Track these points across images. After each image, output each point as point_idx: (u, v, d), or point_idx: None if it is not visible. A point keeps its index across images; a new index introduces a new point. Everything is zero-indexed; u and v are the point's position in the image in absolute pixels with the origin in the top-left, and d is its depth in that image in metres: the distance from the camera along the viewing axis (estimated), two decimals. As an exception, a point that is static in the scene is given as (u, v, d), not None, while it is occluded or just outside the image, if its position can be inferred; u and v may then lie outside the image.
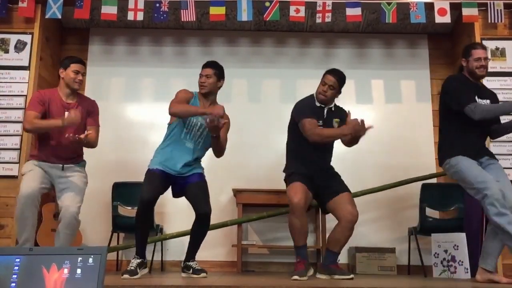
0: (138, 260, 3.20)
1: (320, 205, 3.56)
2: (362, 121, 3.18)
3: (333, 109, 3.50)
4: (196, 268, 3.29)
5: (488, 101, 3.28)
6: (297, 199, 3.20)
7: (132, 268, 3.12)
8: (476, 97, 3.21)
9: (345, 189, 3.39)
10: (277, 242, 4.68)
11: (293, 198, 3.22)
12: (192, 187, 3.31)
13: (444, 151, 3.27)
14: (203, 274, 3.22)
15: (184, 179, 3.33)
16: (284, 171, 3.52)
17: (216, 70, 3.43)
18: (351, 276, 3.22)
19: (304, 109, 3.45)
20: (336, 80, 3.42)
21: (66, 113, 3.33)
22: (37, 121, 3.28)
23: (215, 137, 3.22)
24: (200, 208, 3.22)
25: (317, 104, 3.46)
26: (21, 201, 3.16)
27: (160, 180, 3.26)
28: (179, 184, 3.35)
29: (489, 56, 4.38)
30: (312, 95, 3.53)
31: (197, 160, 3.45)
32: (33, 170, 3.31)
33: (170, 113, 3.29)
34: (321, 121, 3.41)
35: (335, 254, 3.33)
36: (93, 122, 3.49)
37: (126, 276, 3.02)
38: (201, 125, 3.34)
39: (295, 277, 3.07)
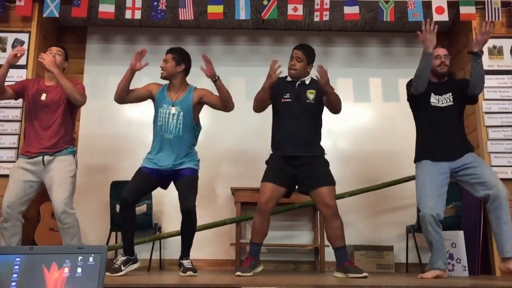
0: (123, 258, 3.22)
1: (300, 190, 3.51)
2: (320, 66, 3.26)
3: (307, 82, 3.49)
4: (186, 266, 3.27)
5: (450, 93, 3.36)
6: (264, 200, 3.32)
7: (116, 266, 3.17)
8: (432, 94, 3.36)
9: (324, 183, 3.32)
10: (276, 241, 4.68)
11: (260, 198, 3.35)
12: (181, 182, 3.32)
13: (416, 151, 3.47)
14: (189, 273, 3.20)
15: (177, 172, 3.33)
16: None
17: (174, 55, 3.46)
18: (365, 274, 3.20)
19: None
20: (302, 52, 3.46)
21: (44, 94, 3.42)
22: None
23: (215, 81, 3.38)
24: (182, 204, 3.23)
25: (288, 79, 3.50)
26: (3, 210, 3.28)
27: (145, 179, 3.30)
28: (171, 177, 3.37)
29: (487, 54, 4.39)
30: (285, 76, 3.56)
31: (186, 147, 3.39)
32: (13, 180, 3.35)
33: (116, 101, 3.46)
34: (288, 94, 3.42)
35: (342, 249, 3.33)
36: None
37: (107, 273, 3.06)
38: (174, 113, 3.35)
39: (238, 273, 3.19)
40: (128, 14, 4.35)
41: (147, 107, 5.25)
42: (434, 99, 3.37)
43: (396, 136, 4.92)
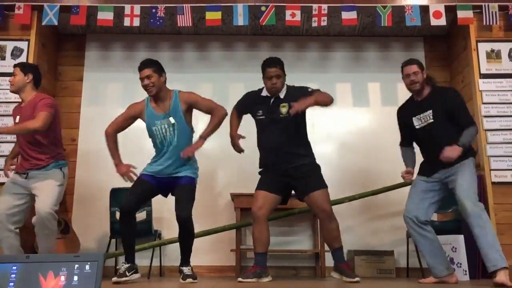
0: (127, 265, 3.24)
1: (296, 197, 3.54)
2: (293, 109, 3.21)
3: (281, 95, 3.45)
4: (186, 273, 3.27)
5: (430, 111, 3.29)
6: (256, 208, 3.34)
7: (120, 272, 3.20)
8: (413, 118, 3.37)
9: (316, 187, 3.33)
10: (276, 247, 4.66)
11: (252, 207, 3.37)
12: (178, 190, 3.32)
13: None
14: (188, 280, 3.19)
15: (175, 180, 3.34)
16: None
17: (153, 67, 3.38)
18: (357, 279, 3.23)
19: (239, 101, 3.63)
20: (279, 68, 3.44)
21: (17, 117, 3.47)
22: None
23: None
24: (177, 212, 3.22)
25: (263, 94, 3.51)
26: None
27: (145, 187, 3.31)
28: (170, 184, 3.36)
29: (485, 58, 4.40)
30: (261, 88, 3.58)
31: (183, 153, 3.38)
32: (4, 193, 3.42)
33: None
34: (260, 111, 3.44)
35: (338, 251, 3.37)
36: (36, 112, 3.38)
37: (114, 278, 3.14)
38: (167, 126, 3.34)
39: (239, 279, 3.24)
40: (126, 22, 4.37)
41: (146, 113, 5.20)
42: (416, 122, 3.38)
43: (395, 141, 4.88)
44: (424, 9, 4.39)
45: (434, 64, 5.12)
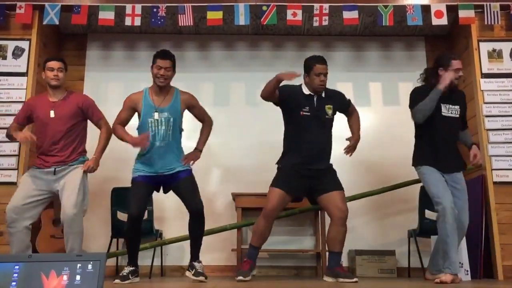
0: (131, 268, 3.27)
1: (309, 198, 3.56)
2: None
3: (323, 95, 3.49)
4: (198, 270, 3.27)
5: (458, 107, 3.41)
6: (271, 207, 3.34)
7: (124, 274, 3.22)
8: (442, 104, 3.38)
9: (336, 187, 3.39)
10: (277, 246, 4.67)
11: (268, 205, 3.36)
12: (181, 185, 3.32)
13: (417, 154, 3.52)
14: (201, 277, 3.21)
15: (172, 176, 3.34)
16: (277, 162, 3.53)
17: (173, 61, 3.43)
18: (355, 279, 3.24)
19: (283, 85, 3.46)
20: (326, 65, 3.50)
21: (51, 111, 3.47)
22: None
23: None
24: (192, 206, 3.24)
25: (305, 92, 3.49)
26: (6, 215, 3.32)
27: (145, 188, 3.32)
28: (168, 181, 3.36)
29: (486, 58, 4.40)
30: (299, 85, 3.55)
31: (177, 151, 3.41)
32: (22, 184, 3.44)
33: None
34: (307, 108, 3.42)
35: (337, 255, 3.36)
36: (95, 118, 3.63)
37: (117, 281, 3.15)
38: (163, 120, 3.34)
39: (240, 277, 3.25)
40: (128, 21, 4.36)
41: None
42: (444, 109, 3.38)
43: (396, 140, 4.91)
44: (426, 9, 4.38)
45: (435, 63, 5.11)
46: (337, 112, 3.58)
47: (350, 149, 3.55)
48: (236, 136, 4.95)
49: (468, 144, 3.52)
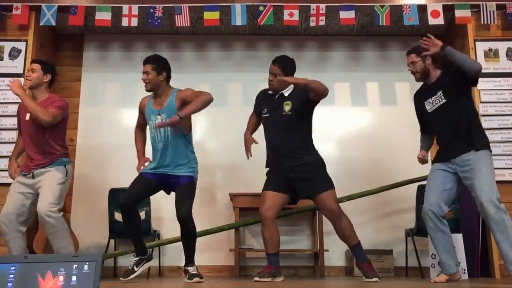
0: (136, 259, 3.30)
1: (301, 196, 3.51)
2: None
3: (286, 94, 3.46)
4: (192, 273, 3.28)
5: (440, 91, 3.26)
6: (264, 209, 3.34)
7: (128, 268, 3.26)
8: (425, 102, 3.34)
9: (323, 188, 3.32)
10: (275, 246, 4.67)
11: (260, 209, 3.37)
12: (178, 189, 3.33)
13: None
14: (195, 279, 3.21)
15: (174, 178, 3.34)
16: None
17: (153, 64, 3.37)
18: (375, 279, 3.24)
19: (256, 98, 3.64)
20: (277, 66, 3.45)
21: (27, 114, 3.42)
22: None
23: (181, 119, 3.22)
24: (177, 212, 3.23)
25: (270, 92, 3.54)
26: (1, 222, 3.34)
27: (145, 182, 3.31)
28: (170, 182, 3.37)
29: (483, 57, 4.41)
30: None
31: (180, 154, 3.36)
32: (12, 191, 3.44)
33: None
34: (265, 109, 3.47)
35: (355, 248, 3.39)
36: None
37: (122, 278, 3.20)
38: (160, 121, 3.34)
39: (256, 278, 3.25)
40: (124, 22, 4.36)
41: (145, 114, 5.22)
42: (428, 106, 3.34)
43: (393, 140, 4.92)
44: (422, 8, 4.39)
45: (432, 63, 5.12)
46: (309, 106, 3.44)
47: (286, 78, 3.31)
48: (234, 136, 4.94)
49: None
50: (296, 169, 3.34)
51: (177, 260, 4.66)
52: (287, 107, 3.41)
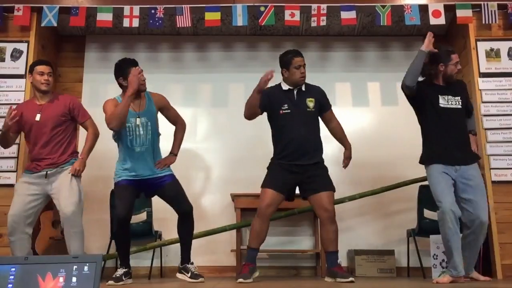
0: (125, 270, 3.29)
1: (300, 194, 3.55)
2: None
3: (303, 89, 3.49)
4: (195, 272, 3.30)
5: (459, 97, 3.38)
6: (265, 205, 3.35)
7: (117, 275, 3.23)
8: (440, 96, 3.36)
9: (326, 188, 3.37)
10: (276, 247, 4.67)
11: (261, 203, 3.38)
12: (168, 188, 3.34)
13: (423, 155, 3.47)
14: (201, 279, 3.24)
15: (155, 180, 3.35)
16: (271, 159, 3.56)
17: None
18: (351, 279, 3.25)
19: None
20: (303, 57, 3.51)
21: (38, 115, 3.44)
22: None
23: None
24: (181, 207, 3.27)
25: (284, 88, 3.50)
26: (8, 223, 3.35)
27: (130, 191, 3.32)
28: (150, 185, 3.38)
29: (484, 57, 4.40)
30: (277, 84, 3.57)
31: (157, 156, 3.45)
32: (18, 192, 3.44)
33: (111, 128, 3.29)
34: (286, 105, 3.42)
35: (333, 254, 3.36)
36: (81, 119, 3.59)
37: (111, 282, 3.17)
38: (141, 123, 3.33)
39: (240, 280, 3.23)
40: (126, 23, 4.37)
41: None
42: (443, 100, 3.35)
43: (395, 140, 4.91)
44: (423, 8, 4.38)
45: (433, 63, 5.11)
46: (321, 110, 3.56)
47: (348, 161, 3.63)
48: (235, 136, 4.95)
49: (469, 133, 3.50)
50: (310, 167, 3.39)
51: (178, 261, 4.62)
52: (311, 103, 3.47)
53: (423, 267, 4.23)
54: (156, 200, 4.20)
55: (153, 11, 4.36)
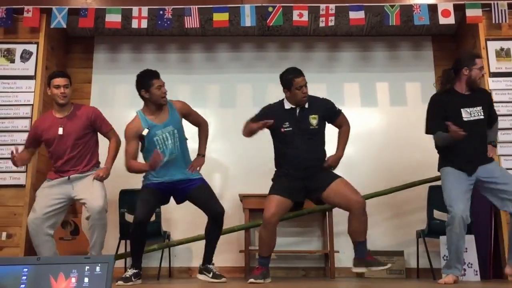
0: (135, 271, 3.31)
1: (312, 199, 3.53)
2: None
3: (306, 106, 3.44)
4: (217, 273, 3.35)
5: (480, 107, 3.33)
6: (268, 215, 3.27)
7: (127, 276, 3.26)
8: (463, 109, 3.31)
9: (335, 176, 3.35)
10: (285, 247, 4.66)
11: (265, 213, 3.30)
12: (198, 191, 3.37)
13: (439, 158, 3.45)
14: (223, 279, 3.29)
15: (185, 184, 3.38)
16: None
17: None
18: (389, 265, 3.24)
19: (259, 114, 3.52)
20: (304, 76, 3.43)
21: (60, 128, 3.46)
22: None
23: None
24: (213, 209, 3.30)
25: (287, 106, 3.45)
26: (28, 227, 3.37)
27: (156, 195, 3.36)
28: (181, 190, 3.40)
29: (494, 57, 4.37)
30: (280, 100, 3.53)
31: (187, 160, 3.49)
32: (40, 195, 3.46)
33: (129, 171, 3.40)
34: (287, 123, 3.39)
35: (363, 244, 3.30)
36: (104, 129, 3.63)
37: (120, 282, 3.18)
38: (167, 135, 3.38)
39: (251, 280, 3.24)
40: (134, 24, 4.38)
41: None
42: (465, 114, 3.31)
43: (403, 140, 4.89)
44: (433, 8, 4.36)
45: (442, 63, 5.06)
46: (328, 121, 3.53)
47: (328, 166, 3.42)
48: (243, 137, 4.93)
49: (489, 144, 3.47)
50: (313, 170, 3.36)
51: (186, 261, 4.68)
52: (314, 121, 3.41)
53: (433, 268, 4.20)
54: (165, 201, 4.21)
55: (161, 12, 4.37)
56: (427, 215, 4.28)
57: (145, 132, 3.33)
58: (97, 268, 1.43)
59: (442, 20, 4.33)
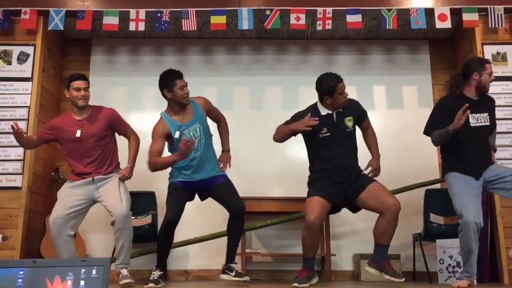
0: (160, 272, 3.34)
1: (349, 207, 3.51)
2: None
3: (341, 110, 3.42)
4: (239, 271, 3.36)
5: (486, 113, 3.35)
6: (313, 218, 3.19)
7: (155, 278, 3.28)
8: (470, 115, 3.24)
9: (370, 180, 3.36)
10: (282, 250, 4.66)
11: (309, 216, 3.21)
12: (220, 187, 3.38)
13: (444, 164, 3.46)
14: (246, 278, 3.30)
15: (208, 181, 3.39)
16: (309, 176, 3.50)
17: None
18: (403, 279, 3.23)
19: (292, 118, 3.47)
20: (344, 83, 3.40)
21: (78, 131, 3.45)
22: None
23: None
24: (235, 205, 3.29)
25: (324, 112, 3.39)
26: (50, 227, 3.34)
27: (184, 193, 3.37)
28: (205, 187, 3.41)
29: (491, 61, 4.39)
30: (313, 106, 3.49)
31: (213, 157, 3.50)
32: (61, 196, 3.44)
33: (150, 169, 3.37)
34: (325, 129, 3.34)
35: (385, 248, 3.29)
36: (122, 130, 3.64)
37: (151, 285, 3.20)
38: (195, 132, 3.39)
39: (295, 284, 3.19)
40: (132, 26, 4.38)
41: (152, 118, 5.25)
42: (473, 119, 3.31)
43: (400, 144, 4.90)
44: (429, 12, 4.38)
45: (439, 67, 5.10)
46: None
47: (375, 172, 3.48)
48: (240, 140, 4.93)
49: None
50: (351, 175, 3.38)
51: (183, 264, 4.67)
52: (350, 123, 3.42)
53: (430, 272, 4.21)
54: (161, 204, 4.21)
55: (159, 15, 4.37)
56: (423, 218, 4.30)
57: (177, 135, 3.32)
58: (93, 271, 1.42)
59: (439, 24, 4.35)
